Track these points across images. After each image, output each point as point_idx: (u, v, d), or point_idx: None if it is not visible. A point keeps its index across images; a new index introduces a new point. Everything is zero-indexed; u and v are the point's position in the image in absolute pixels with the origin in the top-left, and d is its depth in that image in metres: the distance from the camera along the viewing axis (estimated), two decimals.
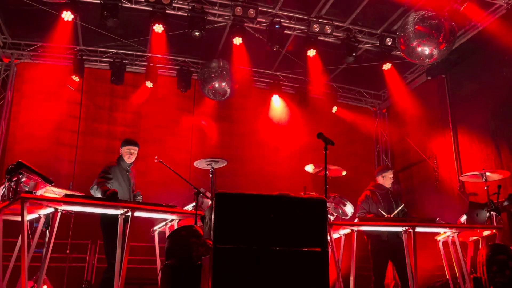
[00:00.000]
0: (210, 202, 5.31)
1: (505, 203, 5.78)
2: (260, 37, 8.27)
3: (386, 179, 6.01)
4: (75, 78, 8.80)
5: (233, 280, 2.58)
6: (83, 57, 8.90)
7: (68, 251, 7.75)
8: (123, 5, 7.38)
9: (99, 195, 4.85)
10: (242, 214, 2.71)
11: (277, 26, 8.00)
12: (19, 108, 8.67)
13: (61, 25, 7.68)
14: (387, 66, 8.79)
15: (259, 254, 2.68)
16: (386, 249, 5.54)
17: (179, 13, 7.76)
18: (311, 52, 8.32)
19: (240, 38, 7.95)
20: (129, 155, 5.46)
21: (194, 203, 5.27)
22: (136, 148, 5.51)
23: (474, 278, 4.58)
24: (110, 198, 4.54)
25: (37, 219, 4.77)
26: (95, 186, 4.95)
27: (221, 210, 2.68)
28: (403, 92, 10.24)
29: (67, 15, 7.27)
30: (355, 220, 5.33)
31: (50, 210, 4.38)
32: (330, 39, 8.41)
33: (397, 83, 10.20)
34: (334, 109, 10.39)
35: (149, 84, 9.23)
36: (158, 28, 7.57)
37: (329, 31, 8.11)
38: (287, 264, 2.72)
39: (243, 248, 2.65)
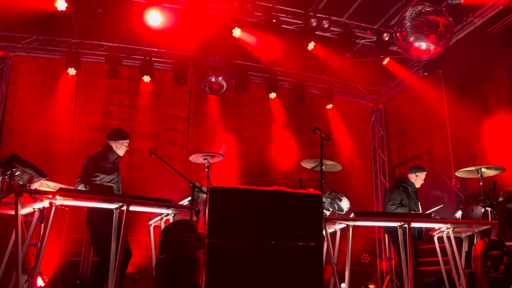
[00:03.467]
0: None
1: (500, 199, 5.79)
2: (257, 31, 8.23)
3: (418, 179, 6.06)
4: (71, 72, 8.75)
5: (227, 274, 2.57)
6: (79, 50, 8.83)
7: (62, 245, 7.74)
8: None
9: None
10: (236, 208, 2.70)
11: (274, 21, 7.97)
12: (14, 101, 8.61)
13: (57, 17, 7.61)
14: (386, 61, 8.77)
15: (253, 248, 2.67)
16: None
17: (175, 6, 7.71)
18: (311, 45, 8.30)
19: (239, 29, 7.94)
20: (126, 148, 5.36)
21: (190, 198, 5.26)
22: None
23: (468, 273, 4.59)
24: (106, 192, 4.52)
25: (32, 213, 4.76)
26: (82, 185, 4.82)
27: (215, 204, 2.66)
28: (399, 88, 10.26)
29: (61, 4, 7.13)
30: (351, 215, 5.33)
31: (44, 204, 4.36)
32: (327, 34, 8.38)
33: (394, 79, 10.22)
34: (329, 106, 10.41)
35: (145, 78, 9.18)
36: (155, 20, 7.51)
37: (326, 26, 8.08)
38: (281, 258, 2.71)
39: (237, 242, 2.64)
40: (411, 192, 5.96)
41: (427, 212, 5.84)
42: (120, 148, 5.24)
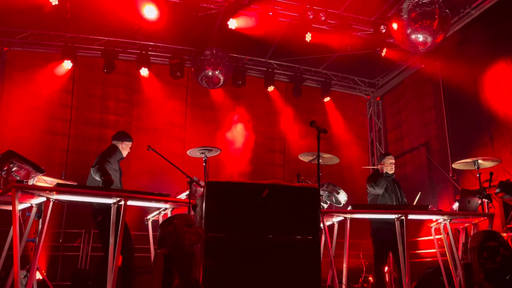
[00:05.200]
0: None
1: (497, 190, 5.82)
2: (254, 24, 8.19)
3: (385, 166, 6.02)
4: (67, 65, 8.71)
5: (224, 268, 2.58)
6: (74, 45, 8.79)
7: (61, 240, 7.75)
8: None
9: (97, 177, 4.83)
10: (233, 202, 2.71)
11: (270, 14, 7.93)
12: (11, 96, 8.57)
13: (52, 12, 7.56)
14: (384, 52, 8.74)
15: (250, 242, 2.68)
16: (387, 236, 5.53)
17: None
18: (308, 37, 8.27)
19: (235, 20, 7.90)
20: (129, 150, 5.52)
21: (187, 192, 5.27)
22: None
23: (465, 264, 4.62)
24: (105, 186, 4.54)
25: (30, 208, 4.76)
26: (97, 166, 4.90)
27: (212, 199, 2.67)
28: (397, 80, 10.26)
29: None
30: (349, 208, 5.35)
31: (42, 199, 4.36)
32: (324, 27, 8.35)
33: (391, 71, 10.22)
34: (327, 99, 10.40)
35: (142, 72, 9.15)
36: (151, 12, 7.48)
37: (323, 18, 8.05)
38: (279, 252, 2.72)
39: (234, 236, 2.65)
40: (386, 182, 5.93)
41: (415, 202, 5.86)
42: (125, 149, 5.43)
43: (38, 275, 5.71)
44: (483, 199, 5.51)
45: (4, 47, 8.56)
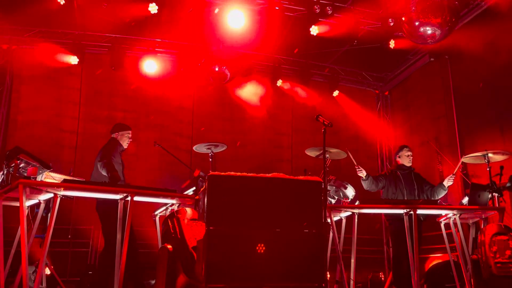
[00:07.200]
0: None
1: (508, 184, 5.74)
2: (260, 18, 8.15)
3: (403, 158, 6.00)
4: (74, 62, 8.77)
5: (227, 262, 2.57)
6: (82, 42, 8.82)
7: (70, 236, 7.81)
8: None
9: (104, 172, 4.86)
10: (236, 195, 2.69)
11: (277, 8, 7.87)
12: (19, 94, 8.64)
13: (59, 9, 7.59)
14: (392, 44, 8.62)
15: (253, 236, 2.66)
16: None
17: None
18: (314, 30, 8.19)
19: (241, 15, 7.86)
20: (129, 139, 5.51)
21: (194, 187, 5.29)
22: None
23: (474, 259, 4.57)
24: (111, 182, 4.56)
25: (38, 205, 4.80)
26: (104, 161, 4.92)
27: (214, 192, 2.65)
28: (405, 74, 10.14)
29: None
30: (356, 202, 5.31)
31: (49, 195, 4.39)
32: (331, 21, 8.27)
33: (400, 65, 10.10)
34: (336, 93, 10.30)
35: (149, 69, 9.15)
36: (153, 8, 7.49)
37: (330, 12, 7.97)
38: (283, 246, 2.70)
39: (236, 230, 2.63)
40: (400, 175, 5.87)
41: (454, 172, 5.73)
42: (124, 140, 5.45)
43: (48, 271, 5.77)
44: (494, 193, 5.43)
45: (12, 45, 8.61)
